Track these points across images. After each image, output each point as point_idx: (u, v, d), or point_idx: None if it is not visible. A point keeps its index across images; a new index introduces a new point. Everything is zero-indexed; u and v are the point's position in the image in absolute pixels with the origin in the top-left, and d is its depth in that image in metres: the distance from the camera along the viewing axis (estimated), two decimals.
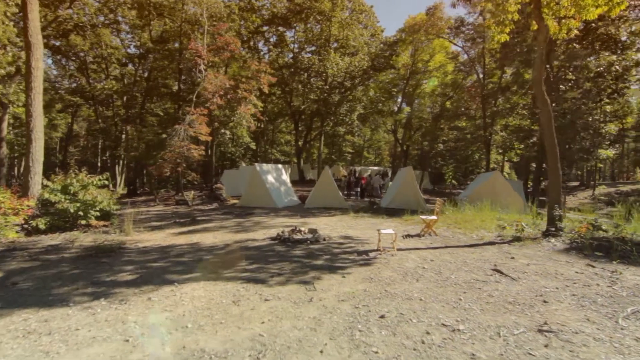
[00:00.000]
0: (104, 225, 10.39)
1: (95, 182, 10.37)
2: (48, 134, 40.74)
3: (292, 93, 31.78)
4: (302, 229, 8.60)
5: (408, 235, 8.77)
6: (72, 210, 9.47)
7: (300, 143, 35.60)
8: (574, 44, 18.19)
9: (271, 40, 31.91)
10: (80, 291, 4.78)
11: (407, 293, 4.55)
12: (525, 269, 5.68)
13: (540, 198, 18.49)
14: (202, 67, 18.21)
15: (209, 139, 17.80)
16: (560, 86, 18.22)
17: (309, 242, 7.65)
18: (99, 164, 47.71)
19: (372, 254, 6.66)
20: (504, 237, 8.34)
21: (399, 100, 37.34)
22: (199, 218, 12.77)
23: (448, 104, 35.20)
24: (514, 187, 24.91)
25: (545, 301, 4.27)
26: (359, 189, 22.35)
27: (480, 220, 10.89)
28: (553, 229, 8.00)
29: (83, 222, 9.86)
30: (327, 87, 25.90)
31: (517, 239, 7.90)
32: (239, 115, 19.72)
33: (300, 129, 36.81)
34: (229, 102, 19.55)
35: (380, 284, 4.91)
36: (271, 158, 47.68)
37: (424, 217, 8.99)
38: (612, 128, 21.52)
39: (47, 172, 12.22)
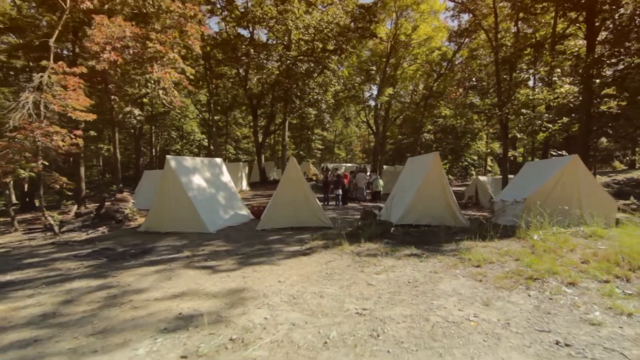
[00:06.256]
0: None
1: None
2: None
3: (247, 72, 24.56)
4: None
5: None
6: None
7: (260, 137, 28.46)
8: None
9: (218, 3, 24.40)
10: None
11: None
12: None
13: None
14: None
15: (90, 117, 10.40)
16: None
17: None
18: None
19: None
20: None
21: (377, 83, 31.34)
22: None
23: (436, 85, 29.66)
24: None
25: None
26: (340, 192, 15.75)
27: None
28: None
29: None
30: (291, 53, 18.98)
31: None
32: (152, 82, 12.43)
33: (261, 123, 29.66)
34: (135, 61, 12.25)
35: None
36: (229, 157, 40.05)
37: None
38: None
39: None
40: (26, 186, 22.39)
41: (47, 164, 10.30)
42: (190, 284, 4.74)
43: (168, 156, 9.53)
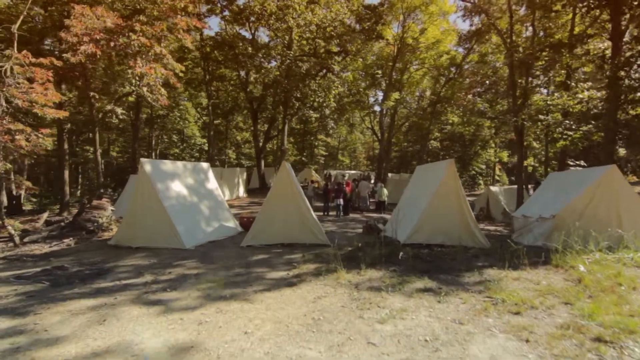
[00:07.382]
0: None
1: None
2: None
3: (248, 75, 23.46)
4: None
5: None
6: None
7: (260, 141, 27.32)
8: None
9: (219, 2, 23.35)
10: None
11: None
12: None
13: None
14: None
15: (61, 114, 9.29)
16: None
17: None
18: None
19: None
20: None
21: (382, 88, 30.14)
22: None
23: (444, 90, 28.43)
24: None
25: None
26: (341, 201, 14.44)
27: None
28: None
29: None
30: (291, 52, 17.88)
31: None
32: (135, 78, 11.33)
33: (263, 128, 28.48)
34: (117, 55, 11.16)
35: None
36: (231, 162, 38.90)
37: None
38: None
39: None
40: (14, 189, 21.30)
41: (10, 165, 9.18)
42: (126, 332, 3.48)
43: (142, 159, 8.36)
